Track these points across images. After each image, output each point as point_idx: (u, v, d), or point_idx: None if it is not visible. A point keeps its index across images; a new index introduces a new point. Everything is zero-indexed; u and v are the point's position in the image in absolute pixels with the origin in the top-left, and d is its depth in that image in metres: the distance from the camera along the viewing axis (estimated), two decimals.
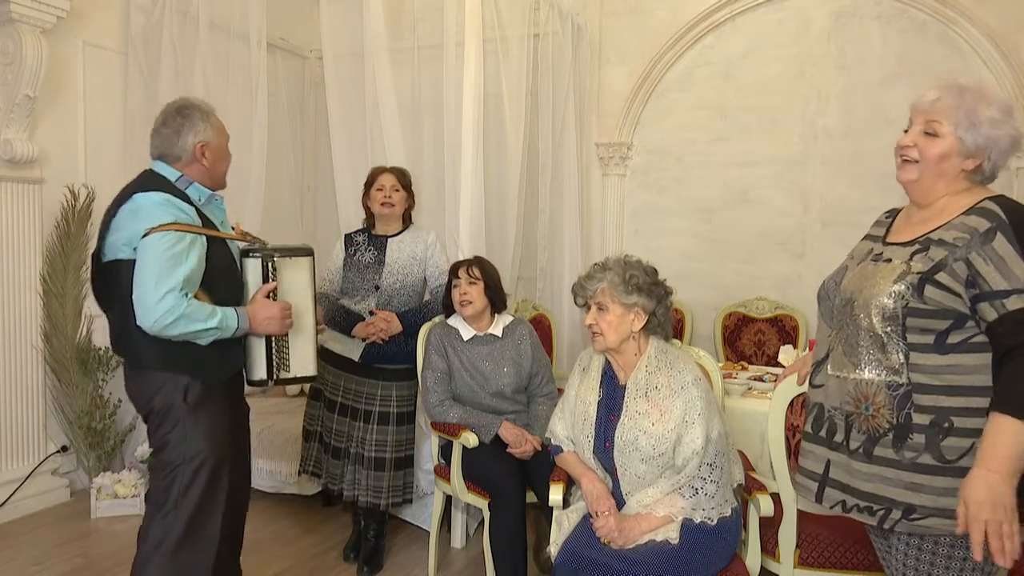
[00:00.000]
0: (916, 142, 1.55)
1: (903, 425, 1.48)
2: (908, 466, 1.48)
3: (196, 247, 1.90)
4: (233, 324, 1.92)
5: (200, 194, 2.02)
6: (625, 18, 4.55)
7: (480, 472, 2.61)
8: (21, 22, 3.20)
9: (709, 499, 1.96)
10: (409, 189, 2.99)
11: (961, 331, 1.45)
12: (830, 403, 1.62)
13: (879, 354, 1.51)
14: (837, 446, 1.60)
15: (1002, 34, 3.71)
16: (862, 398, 1.54)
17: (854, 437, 1.56)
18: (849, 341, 1.57)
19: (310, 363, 2.08)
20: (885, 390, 1.51)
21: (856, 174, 4.06)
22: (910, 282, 1.47)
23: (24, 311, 3.43)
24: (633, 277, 2.05)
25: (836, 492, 1.61)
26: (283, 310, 2.01)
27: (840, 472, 1.60)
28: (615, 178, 4.66)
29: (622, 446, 2.01)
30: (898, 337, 1.49)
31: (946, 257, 1.45)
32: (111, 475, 3.46)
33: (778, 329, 4.15)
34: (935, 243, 1.49)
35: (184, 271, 1.85)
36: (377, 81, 3.38)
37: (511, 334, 2.82)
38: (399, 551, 3.08)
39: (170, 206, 1.90)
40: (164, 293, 1.80)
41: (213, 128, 2.07)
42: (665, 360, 2.07)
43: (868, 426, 1.53)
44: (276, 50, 4.50)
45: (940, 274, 1.45)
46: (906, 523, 1.48)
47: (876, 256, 1.60)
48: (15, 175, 3.36)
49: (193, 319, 1.84)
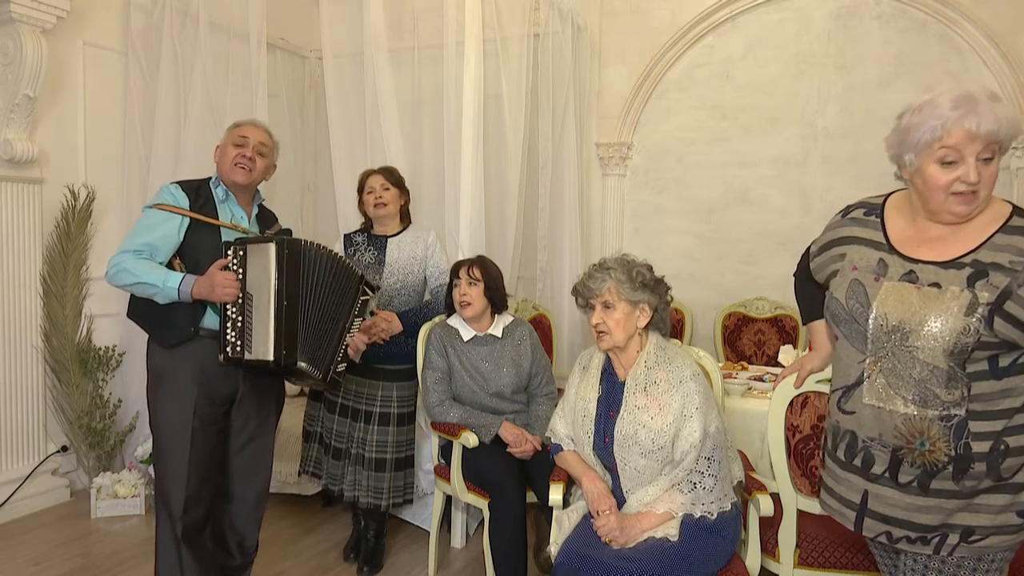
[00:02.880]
0: (981, 174, 1.43)
1: (963, 456, 1.43)
2: (967, 493, 1.44)
3: (170, 223, 2.16)
4: (174, 284, 2.08)
5: (223, 192, 2.30)
6: (625, 18, 4.55)
7: (480, 472, 2.61)
8: (21, 22, 3.20)
9: (708, 493, 1.96)
10: (401, 186, 2.99)
11: (1010, 354, 1.41)
12: (865, 433, 1.54)
13: (939, 388, 1.43)
14: (876, 478, 1.53)
15: (1002, 34, 3.71)
16: (916, 433, 1.46)
17: (905, 471, 1.48)
18: (897, 372, 1.47)
19: (268, 347, 2.10)
20: (939, 423, 1.44)
21: (856, 174, 4.07)
22: (981, 315, 1.38)
23: (24, 311, 3.43)
24: (639, 274, 2.07)
25: (878, 523, 1.54)
26: (224, 279, 2.08)
27: (882, 505, 1.53)
28: (615, 178, 4.66)
29: (621, 440, 2.01)
30: (960, 370, 1.42)
31: (1010, 283, 1.37)
32: (111, 475, 3.46)
33: (778, 329, 4.15)
34: (991, 267, 1.40)
35: (147, 238, 2.12)
36: (377, 81, 3.38)
37: (511, 334, 2.82)
38: (399, 551, 3.08)
39: (166, 192, 2.22)
40: (120, 252, 2.11)
41: (228, 133, 2.37)
42: (664, 356, 2.08)
43: (925, 461, 1.46)
44: (276, 50, 4.50)
45: (1008, 303, 1.37)
46: (966, 546, 1.45)
47: (909, 276, 1.49)
48: (15, 175, 3.35)
49: (131, 272, 2.06)
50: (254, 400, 2.29)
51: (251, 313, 2.11)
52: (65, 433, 3.63)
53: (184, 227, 2.18)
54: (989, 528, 1.42)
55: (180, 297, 2.09)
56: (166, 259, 2.16)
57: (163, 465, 2.17)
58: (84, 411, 3.59)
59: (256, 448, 2.34)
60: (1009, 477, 1.42)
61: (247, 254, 2.13)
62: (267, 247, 2.13)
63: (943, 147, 1.42)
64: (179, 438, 2.14)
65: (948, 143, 1.41)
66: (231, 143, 2.32)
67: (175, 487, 2.13)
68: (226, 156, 2.30)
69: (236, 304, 2.10)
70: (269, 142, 2.38)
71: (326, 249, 2.29)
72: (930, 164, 1.45)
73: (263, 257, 2.12)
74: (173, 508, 2.13)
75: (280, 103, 4.53)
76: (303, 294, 2.17)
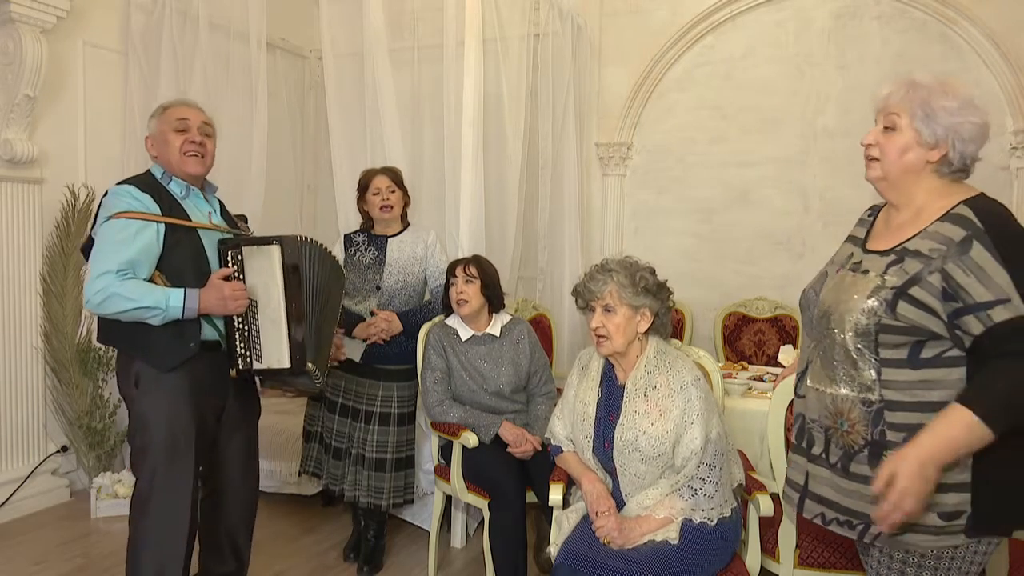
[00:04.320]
0: (877, 139, 1.53)
1: (877, 442, 1.46)
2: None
3: (146, 233, 1.93)
4: (177, 303, 1.90)
5: (180, 188, 2.08)
6: (625, 18, 4.55)
7: (480, 472, 2.61)
8: (21, 22, 3.20)
9: (708, 499, 1.96)
10: (403, 187, 2.99)
11: (935, 345, 1.41)
12: (809, 415, 1.61)
13: (851, 370, 1.48)
14: (815, 458, 1.59)
15: (1002, 34, 3.71)
16: (838, 413, 1.51)
17: (832, 451, 1.54)
18: (826, 354, 1.54)
19: (283, 355, 2.02)
20: (860, 406, 1.48)
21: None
22: (883, 298, 1.43)
23: (24, 311, 3.43)
24: (642, 278, 2.04)
25: (815, 504, 1.59)
26: (233, 290, 1.96)
27: (818, 485, 1.58)
28: (615, 178, 4.66)
29: (621, 446, 2.00)
30: (870, 353, 1.45)
31: (921, 270, 1.40)
32: (111, 475, 3.46)
33: (778, 329, 4.15)
34: (911, 254, 1.44)
35: (127, 254, 1.89)
36: (377, 81, 3.38)
37: (509, 334, 2.82)
38: (399, 551, 3.08)
39: (126, 196, 1.96)
40: (100, 274, 1.87)
41: (160, 119, 2.10)
42: (664, 360, 2.06)
43: (844, 442, 1.51)
44: (276, 50, 4.50)
45: (914, 288, 1.40)
46: (885, 537, 1.46)
47: (855, 265, 1.56)
48: (15, 175, 3.36)
49: (126, 297, 1.86)
50: (239, 405, 2.22)
51: (257, 320, 2.01)
52: (65, 433, 3.63)
53: (161, 235, 1.97)
54: (907, 524, 1.41)
55: (186, 316, 1.93)
56: (148, 275, 1.95)
57: (155, 520, 1.99)
58: (84, 411, 3.59)
59: (245, 450, 2.27)
60: None
61: (244, 258, 2.02)
62: (269, 250, 2.02)
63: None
64: (182, 488, 2.00)
65: (875, 113, 1.56)
66: (171, 130, 2.06)
67: (172, 561, 1.99)
68: (169, 146, 2.06)
69: (241, 313, 2.01)
70: (210, 120, 2.14)
71: (319, 244, 2.22)
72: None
73: (265, 260, 2.02)
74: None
75: (280, 103, 4.52)
76: (305, 295, 2.09)
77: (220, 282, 1.97)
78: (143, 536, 2.02)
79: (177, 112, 2.08)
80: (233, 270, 2.00)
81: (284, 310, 2.01)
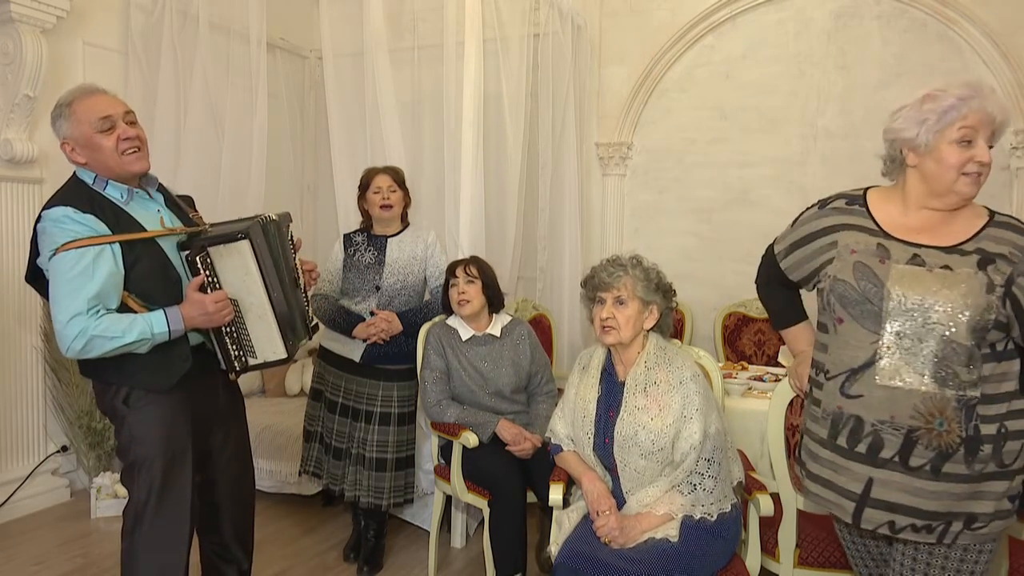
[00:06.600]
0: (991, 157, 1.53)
1: (973, 438, 1.45)
2: (976, 478, 1.46)
3: (104, 258, 1.77)
4: (162, 328, 1.79)
5: (120, 191, 1.88)
6: (625, 18, 4.55)
7: (480, 471, 2.61)
8: (21, 22, 3.20)
9: (708, 494, 1.96)
10: (405, 187, 2.99)
11: (1004, 339, 1.48)
12: (874, 416, 1.52)
13: (958, 367, 1.45)
14: (884, 463, 1.51)
15: (1002, 34, 3.70)
16: (935, 412, 1.46)
17: (919, 454, 1.48)
18: (915, 351, 1.48)
19: (278, 346, 1.97)
20: (954, 404, 1.46)
21: (856, 174, 4.03)
22: (1000, 294, 1.45)
23: (24, 311, 3.43)
24: (657, 276, 2.11)
25: (881, 513, 1.52)
26: (215, 302, 1.84)
27: (888, 491, 1.51)
28: (615, 178, 4.66)
29: (621, 441, 2.01)
30: (978, 349, 1.46)
31: (1012, 272, 1.46)
32: (111, 475, 3.46)
33: None
34: (995, 255, 1.48)
35: (92, 289, 1.74)
36: (377, 81, 3.38)
37: (509, 334, 2.82)
38: (399, 551, 3.08)
39: (68, 221, 1.77)
40: (70, 319, 1.72)
41: (72, 119, 1.84)
42: (664, 356, 2.08)
43: (941, 442, 1.46)
44: (276, 50, 4.49)
45: (1014, 287, 1.45)
46: (968, 533, 1.46)
47: (915, 260, 1.51)
48: (15, 175, 3.35)
49: (109, 337, 1.74)
50: (227, 401, 2.17)
51: (243, 319, 1.95)
52: (65, 433, 3.63)
53: (119, 255, 1.80)
54: (990, 515, 1.46)
55: (172, 337, 1.83)
56: (118, 302, 1.80)
57: (153, 534, 1.89)
58: (84, 411, 3.58)
59: (239, 445, 2.22)
60: (1010, 463, 1.47)
61: (213, 260, 1.88)
62: (237, 247, 1.89)
63: (963, 127, 1.49)
64: (181, 500, 1.92)
65: (967, 123, 1.48)
66: (95, 131, 1.83)
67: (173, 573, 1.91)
68: (100, 148, 1.84)
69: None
70: (131, 107, 1.92)
71: (274, 219, 2.10)
72: (945, 144, 1.51)
73: (237, 258, 1.90)
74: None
75: (280, 103, 4.53)
76: (280, 278, 2.02)
77: (200, 296, 1.85)
78: (140, 550, 1.93)
79: (94, 109, 1.84)
80: (206, 276, 1.86)
81: (268, 303, 1.95)
